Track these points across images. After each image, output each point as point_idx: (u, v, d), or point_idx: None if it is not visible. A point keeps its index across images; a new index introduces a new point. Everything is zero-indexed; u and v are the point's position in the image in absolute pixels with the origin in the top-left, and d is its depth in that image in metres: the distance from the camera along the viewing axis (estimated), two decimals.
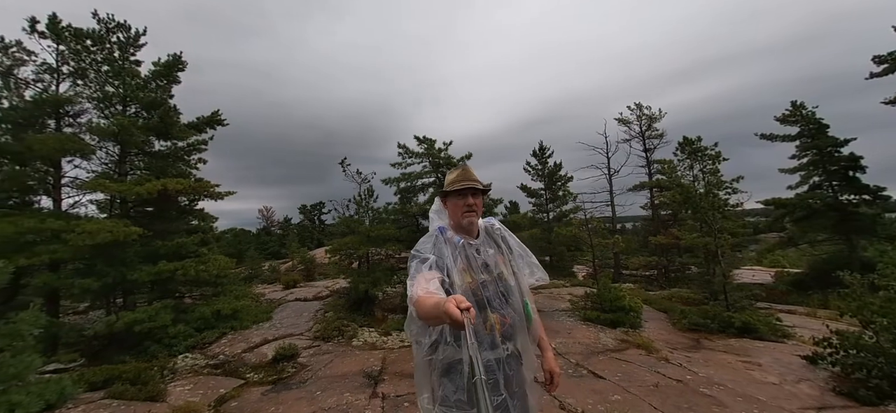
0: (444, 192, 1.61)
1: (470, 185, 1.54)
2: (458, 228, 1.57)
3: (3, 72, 6.52)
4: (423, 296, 1.19)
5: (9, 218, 6.19)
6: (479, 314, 1.39)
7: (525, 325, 1.54)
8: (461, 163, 9.07)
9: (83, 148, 7.09)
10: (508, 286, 1.53)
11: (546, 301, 8.99)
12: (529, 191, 14.45)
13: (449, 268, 1.42)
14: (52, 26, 6.86)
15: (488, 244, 1.60)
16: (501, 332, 1.43)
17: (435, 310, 1.08)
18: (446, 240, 1.51)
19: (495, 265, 1.55)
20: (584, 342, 5.63)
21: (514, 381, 1.45)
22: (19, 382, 3.73)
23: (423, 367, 1.45)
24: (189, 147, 8.37)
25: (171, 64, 8.04)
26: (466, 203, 1.54)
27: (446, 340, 1.37)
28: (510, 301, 1.51)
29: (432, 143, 9.03)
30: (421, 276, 1.32)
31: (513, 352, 1.46)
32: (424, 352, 1.42)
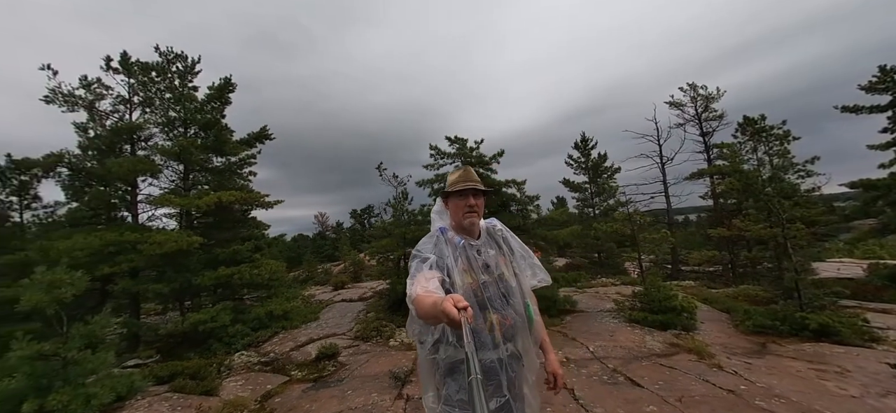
0: (446, 193, 1.63)
1: (471, 186, 1.56)
2: (459, 229, 1.59)
3: (87, 105, 7.55)
4: (421, 294, 1.20)
5: (96, 232, 7.15)
6: (479, 314, 1.41)
7: (527, 327, 1.53)
8: (461, 163, 8.94)
9: (153, 168, 8.00)
10: (509, 287, 1.54)
11: (590, 301, 8.53)
12: (572, 185, 13.81)
13: (450, 268, 1.43)
14: (123, 62, 7.82)
15: (489, 245, 1.62)
16: (502, 333, 1.43)
17: (433, 309, 1.09)
18: (447, 240, 1.52)
19: (496, 266, 1.56)
20: (626, 346, 5.24)
21: (516, 382, 1.46)
22: (95, 376, 4.28)
23: (428, 367, 1.48)
24: (241, 161, 9.08)
25: (223, 87, 8.78)
26: (468, 204, 1.55)
27: (448, 340, 1.39)
28: (511, 302, 1.51)
29: (464, 143, 8.96)
30: (421, 275, 1.33)
31: (514, 352, 1.47)
32: (427, 351, 1.45)
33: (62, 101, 7.38)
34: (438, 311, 1.04)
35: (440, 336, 1.41)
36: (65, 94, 7.40)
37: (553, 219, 9.58)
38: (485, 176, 8.93)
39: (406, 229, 8.80)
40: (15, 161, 7.13)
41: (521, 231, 8.83)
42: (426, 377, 1.50)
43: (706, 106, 12.47)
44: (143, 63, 8.02)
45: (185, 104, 8.30)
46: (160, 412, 4.35)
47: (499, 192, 8.75)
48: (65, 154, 7.50)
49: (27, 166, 7.25)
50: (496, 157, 8.91)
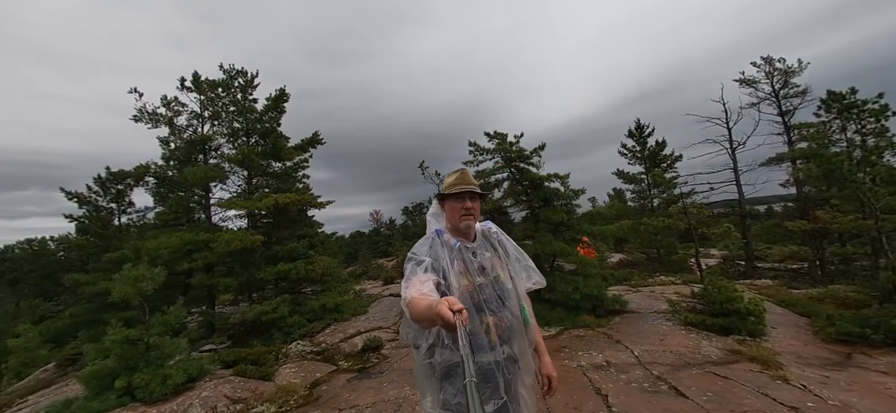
0: (442, 195, 1.64)
1: (468, 189, 1.58)
2: (455, 231, 1.59)
3: (168, 122, 8.64)
4: (416, 297, 1.20)
5: (177, 233, 8.18)
6: (475, 317, 1.41)
7: (522, 329, 1.53)
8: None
9: (222, 175, 8.94)
10: (505, 289, 1.54)
11: (643, 301, 7.97)
12: (626, 176, 12.89)
13: (445, 270, 1.44)
14: (195, 82, 8.82)
15: (485, 247, 1.62)
16: (498, 335, 1.43)
17: (428, 312, 1.09)
18: (443, 242, 1.54)
19: (492, 268, 1.56)
20: (677, 351, 4.83)
21: (512, 384, 1.45)
22: (171, 360, 4.92)
23: (424, 371, 1.48)
24: (295, 165, 9.80)
25: (278, 98, 9.52)
26: (464, 206, 1.56)
27: (443, 343, 1.39)
28: (507, 304, 1.51)
29: (504, 138, 8.78)
30: (415, 278, 1.33)
31: (510, 355, 1.46)
32: (422, 356, 1.45)
33: (147, 119, 8.54)
34: (433, 314, 1.04)
35: (435, 340, 1.41)
36: (149, 112, 8.54)
37: (600, 213, 9.05)
38: (526, 170, 8.70)
39: None
40: (113, 173, 8.47)
41: (565, 227, 8.51)
42: (423, 382, 1.50)
43: (785, 81, 10.82)
44: (210, 81, 8.97)
45: (246, 115, 9.15)
46: (223, 393, 4.89)
47: (541, 187, 8.48)
48: (151, 165, 8.70)
49: (122, 177, 8.56)
50: (537, 151, 8.63)
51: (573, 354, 4.94)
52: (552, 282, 7.73)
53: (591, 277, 7.55)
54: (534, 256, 7.59)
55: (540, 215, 8.60)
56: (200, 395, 4.72)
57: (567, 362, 4.64)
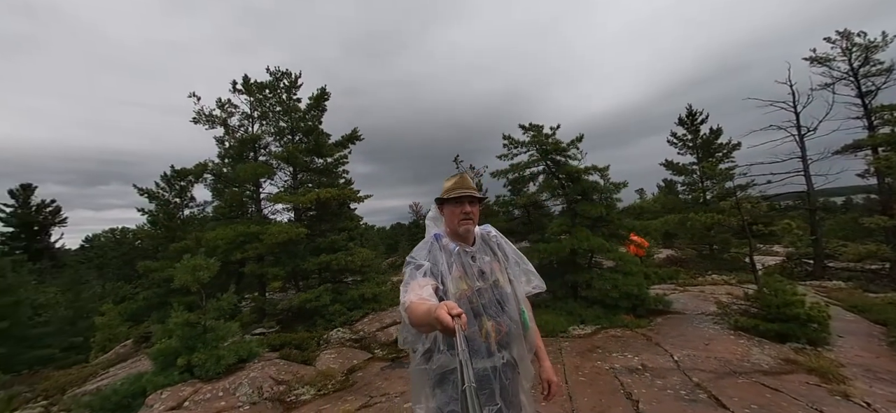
0: (441, 200, 1.64)
1: (467, 193, 1.56)
2: (454, 235, 1.59)
3: (222, 122, 9.36)
4: (415, 302, 1.20)
5: (231, 225, 8.89)
6: (474, 321, 1.41)
7: (521, 334, 1.52)
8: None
9: (269, 171, 9.56)
10: (504, 294, 1.53)
11: (690, 301, 7.51)
12: (675, 167, 12.05)
13: (444, 274, 1.44)
14: (245, 84, 9.45)
15: (484, 251, 1.62)
16: (497, 340, 1.43)
17: (426, 316, 1.09)
18: (442, 246, 1.53)
19: (491, 272, 1.56)
20: (722, 357, 4.52)
21: (511, 389, 1.44)
22: (224, 342, 5.40)
23: (419, 376, 1.46)
24: (336, 161, 10.22)
25: (319, 96, 9.96)
26: (463, 210, 1.56)
27: (440, 348, 1.38)
28: (506, 309, 1.50)
29: (539, 130, 8.57)
30: (414, 282, 1.33)
31: (509, 360, 1.45)
32: (418, 361, 1.43)
33: (205, 120, 9.31)
34: (432, 319, 1.03)
35: (432, 345, 1.41)
36: (206, 114, 9.30)
37: (643, 207, 8.59)
38: (563, 163, 8.45)
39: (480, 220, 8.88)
40: (176, 170, 9.38)
41: (603, 222, 8.18)
42: (417, 388, 1.48)
43: (865, 58, 9.44)
44: (259, 83, 9.57)
45: (291, 115, 9.67)
46: (269, 375, 5.30)
47: (579, 180, 8.20)
48: (209, 163, 9.50)
49: (184, 174, 9.43)
50: (575, 143, 8.34)
51: (606, 355, 4.79)
52: (589, 279, 7.52)
53: (631, 275, 7.22)
54: (570, 252, 7.46)
55: (577, 209, 8.34)
56: (249, 376, 5.15)
57: (599, 364, 4.51)
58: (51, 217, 22.15)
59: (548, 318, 6.75)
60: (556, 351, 5.14)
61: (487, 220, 8.84)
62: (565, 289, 7.90)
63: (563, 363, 4.61)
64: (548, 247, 7.88)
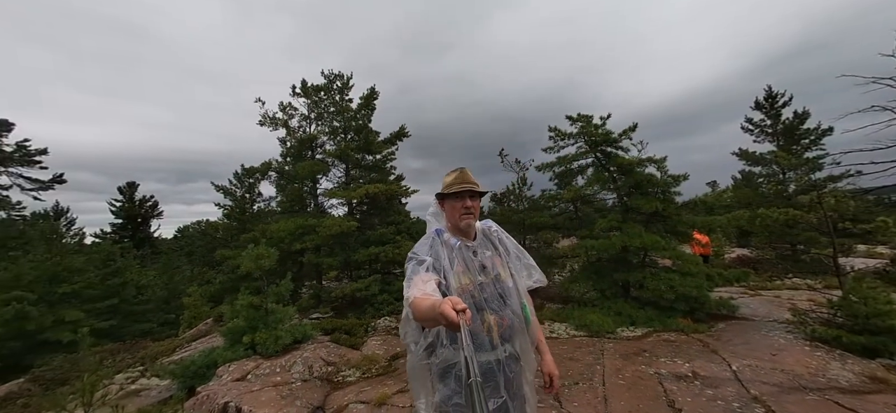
0: (442, 195, 1.65)
1: (467, 188, 1.58)
2: (455, 230, 1.61)
3: (284, 124, 10.20)
4: (419, 297, 1.21)
5: (292, 219, 9.68)
6: (476, 316, 1.43)
7: (524, 327, 1.54)
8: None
9: (325, 168, 10.23)
10: (506, 288, 1.55)
11: (761, 306, 6.77)
12: (750, 157, 10.75)
13: (445, 270, 1.46)
14: (303, 88, 10.18)
15: (485, 246, 1.64)
16: (499, 334, 1.45)
17: (431, 311, 1.10)
18: (443, 242, 1.55)
19: (492, 267, 1.57)
20: (791, 370, 4.04)
21: (514, 382, 1.47)
22: (282, 324, 5.94)
23: (420, 371, 1.48)
24: (384, 158, 10.65)
25: (369, 96, 10.42)
26: (464, 205, 1.57)
27: (442, 343, 1.40)
28: (508, 303, 1.52)
29: (588, 120, 8.19)
30: (418, 277, 1.35)
31: (512, 353, 1.48)
32: (420, 355, 1.45)
33: (269, 122, 10.20)
34: (436, 314, 1.04)
35: (434, 339, 1.42)
36: (270, 117, 10.19)
37: (706, 202, 7.84)
38: (614, 155, 8.01)
39: (524, 215, 8.73)
40: (246, 169, 10.40)
41: (659, 218, 7.63)
42: (417, 383, 1.49)
43: None
44: (315, 86, 10.25)
45: (343, 114, 10.25)
46: (319, 356, 5.74)
47: (631, 172, 7.72)
48: (272, 162, 10.42)
49: (252, 172, 10.45)
50: (628, 133, 7.84)
51: (652, 360, 4.51)
52: (641, 278, 7.07)
53: (690, 276, 6.68)
54: (621, 250, 7.09)
55: (630, 204, 7.88)
56: (302, 355, 5.63)
57: (642, 368, 4.26)
58: (150, 210, 25.74)
59: (593, 317, 6.49)
60: (596, 352, 4.94)
61: (532, 215, 8.68)
62: (615, 288, 7.51)
63: (602, 365, 4.43)
64: (596, 244, 7.54)
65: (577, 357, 4.79)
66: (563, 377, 4.13)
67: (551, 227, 8.70)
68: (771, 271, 9.46)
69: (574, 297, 7.99)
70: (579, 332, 6.31)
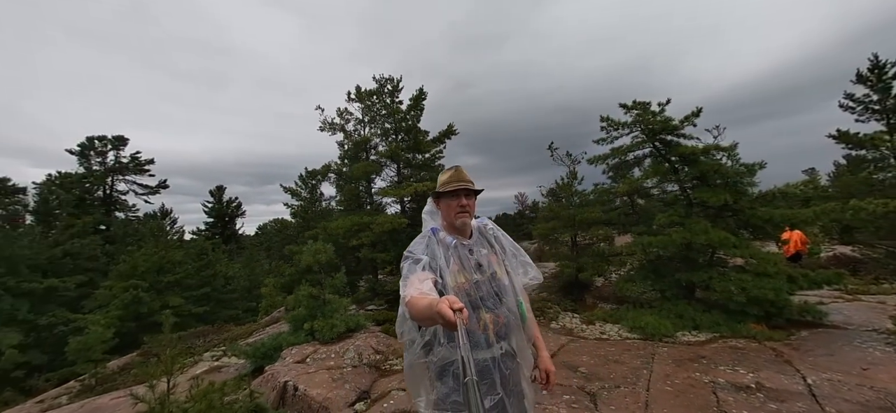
0: (437, 194, 1.66)
1: (463, 186, 1.58)
2: (451, 229, 1.61)
3: (341, 128, 10.92)
4: (415, 296, 1.21)
5: (349, 216, 10.35)
6: (472, 314, 1.43)
7: (520, 325, 1.55)
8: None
9: (377, 169, 10.77)
10: (502, 286, 1.55)
11: (857, 313, 5.85)
12: (850, 138, 9.13)
13: (441, 268, 1.46)
14: (357, 93, 10.80)
15: (481, 244, 1.64)
16: (495, 332, 1.46)
17: (428, 311, 1.10)
18: (439, 241, 1.55)
19: (488, 265, 1.57)
20: (884, 388, 3.46)
21: (511, 379, 1.48)
22: (338, 314, 6.42)
23: (418, 369, 1.48)
24: (432, 157, 10.92)
25: (418, 97, 10.74)
26: (460, 204, 1.57)
27: (440, 341, 1.41)
28: (504, 300, 1.52)
29: (645, 107, 7.64)
30: (414, 276, 1.35)
31: (508, 351, 1.49)
32: (417, 353, 1.46)
33: (328, 127, 10.99)
34: (434, 313, 1.04)
35: (431, 337, 1.43)
36: (329, 122, 10.97)
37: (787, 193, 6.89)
38: (674, 144, 7.39)
39: (576, 211, 8.41)
40: (309, 171, 11.33)
41: (730, 212, 6.89)
42: (415, 381, 1.49)
43: None
44: (368, 91, 10.82)
45: (394, 116, 10.69)
46: (370, 344, 6.12)
47: (696, 162, 7.08)
48: (331, 164, 11.22)
49: (314, 175, 11.34)
50: (690, 119, 7.20)
51: (710, 367, 4.14)
52: (707, 278, 6.48)
53: (766, 276, 5.98)
54: (683, 247, 6.58)
55: (693, 197, 7.24)
56: (354, 343, 6.04)
57: (696, 375, 3.94)
58: (235, 210, 29.05)
59: (649, 320, 6.10)
60: (647, 356, 4.65)
61: (584, 211, 8.32)
62: (677, 289, 6.96)
63: (650, 369, 4.17)
64: (655, 240, 7.07)
65: (624, 360, 4.56)
66: (604, 380, 3.98)
67: (604, 223, 8.28)
68: (878, 273, 8.01)
69: (630, 297, 7.53)
70: (632, 335, 5.97)
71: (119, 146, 21.93)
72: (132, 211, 22.15)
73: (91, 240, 17.80)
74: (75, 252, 16.63)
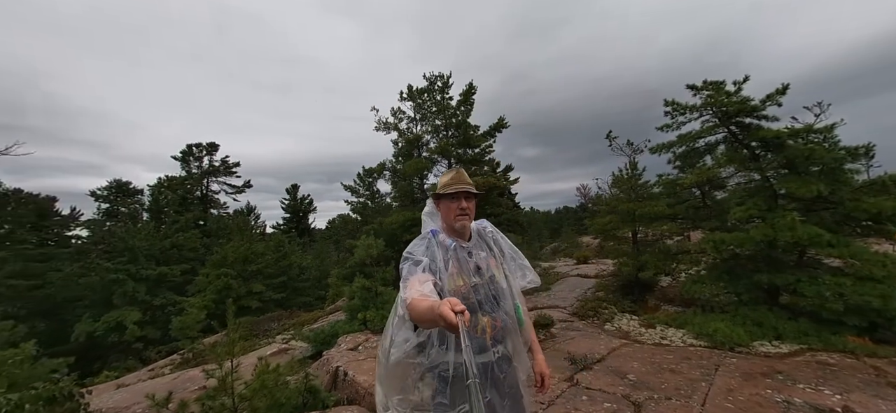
0: (437, 195, 1.64)
1: (463, 189, 1.57)
2: (450, 231, 1.59)
3: (394, 127, 11.34)
4: (416, 298, 1.21)
5: (401, 212, 10.76)
6: (470, 317, 1.45)
7: (517, 328, 1.54)
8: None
9: (427, 166, 11.02)
10: (500, 289, 1.54)
11: None
12: None
13: (440, 271, 1.45)
14: (409, 92, 11.12)
15: (480, 247, 1.63)
16: (492, 336, 1.45)
17: (429, 313, 1.09)
18: (438, 243, 1.53)
19: (487, 268, 1.56)
20: None
21: (506, 382, 1.48)
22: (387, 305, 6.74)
23: (403, 369, 1.45)
24: (482, 151, 10.87)
25: (467, 92, 10.76)
26: (459, 206, 1.56)
27: (433, 343, 1.40)
28: (502, 304, 1.51)
29: (718, 87, 6.80)
30: (414, 278, 1.34)
31: (503, 354, 1.48)
32: (407, 352, 1.42)
33: (383, 127, 11.49)
34: (435, 316, 1.04)
35: (425, 339, 1.41)
36: (384, 122, 11.46)
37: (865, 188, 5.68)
38: (755, 127, 6.49)
39: (636, 205, 7.79)
40: (366, 170, 11.94)
41: (825, 204, 5.90)
42: (395, 380, 1.47)
43: None
44: (419, 89, 11.09)
45: (444, 112, 10.83)
46: None
47: (781, 147, 6.17)
48: (386, 162, 11.73)
49: (370, 173, 11.93)
50: (774, 97, 6.27)
51: (785, 385, 3.61)
52: (794, 282, 5.64)
53: (871, 281, 5.07)
54: (766, 245, 5.84)
55: (778, 188, 6.33)
56: None
57: (766, 392, 3.46)
58: (308, 206, 31.68)
59: (719, 326, 5.48)
60: (709, 367, 4.20)
61: (644, 205, 7.68)
62: (756, 292, 6.15)
63: (711, 382, 3.76)
64: (730, 237, 6.32)
65: (681, 369, 4.17)
66: (654, 390, 3.68)
67: (668, 218, 7.57)
68: None
69: (698, 300, 6.81)
70: (698, 342, 5.43)
71: (212, 152, 25.16)
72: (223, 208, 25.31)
73: (192, 233, 20.70)
74: (180, 244, 19.48)
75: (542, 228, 29.67)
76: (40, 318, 16.53)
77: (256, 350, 7.37)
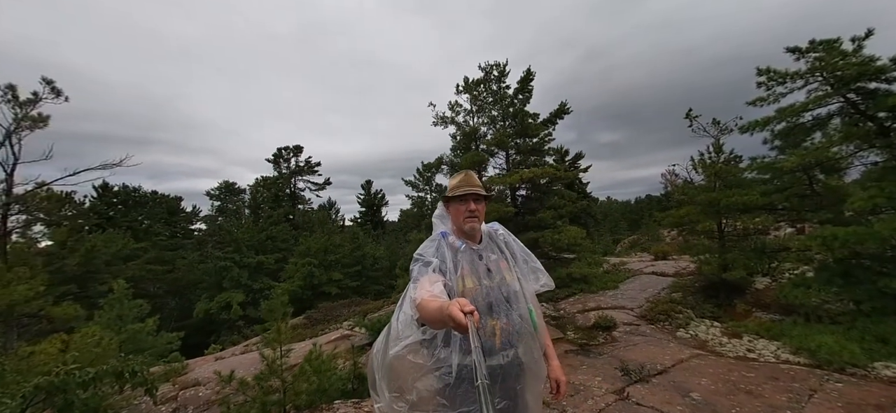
0: (447, 198, 1.65)
1: (471, 191, 1.57)
2: (460, 233, 1.59)
3: (451, 121, 11.34)
4: (426, 298, 1.22)
5: None
6: (480, 320, 1.37)
7: (531, 332, 1.50)
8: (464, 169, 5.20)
9: (485, 158, 10.83)
10: (512, 292, 1.51)
11: None
12: None
13: (450, 272, 1.44)
14: (465, 85, 11.00)
15: (491, 249, 1.61)
16: (502, 339, 1.42)
17: (438, 313, 1.09)
18: (448, 244, 1.53)
19: (498, 270, 1.54)
20: None
21: (514, 387, 1.45)
22: None
23: (403, 366, 1.43)
24: (541, 140, 10.32)
25: (525, 79, 10.28)
26: (469, 208, 1.56)
27: (437, 344, 1.39)
28: (514, 307, 1.48)
29: (832, 48, 5.52)
30: (425, 278, 1.34)
31: (515, 358, 1.44)
32: (402, 348, 1.41)
33: (440, 122, 11.56)
34: (445, 316, 1.03)
35: (430, 338, 1.39)
36: (441, 117, 11.52)
37: None
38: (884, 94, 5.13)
39: (719, 195, 6.73)
40: (425, 165, 12.18)
41: None
42: (389, 377, 1.46)
43: None
44: (475, 80, 10.90)
45: (501, 102, 10.52)
46: None
47: None
48: (443, 156, 11.78)
49: (429, 167, 12.12)
50: None
51: None
52: None
53: None
54: (884, 239, 4.66)
55: None
56: None
57: None
58: (381, 200, 33.52)
59: (826, 340, 4.53)
60: (802, 391, 3.47)
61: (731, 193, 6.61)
62: (881, 300, 4.93)
63: (798, 411, 3.10)
64: (847, 232, 5.16)
65: (762, 392, 3.51)
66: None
67: (764, 209, 6.40)
68: None
69: (802, 307, 5.67)
70: (795, 358, 4.56)
71: (297, 153, 27.97)
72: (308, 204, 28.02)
73: (283, 227, 23.34)
74: (274, 236, 22.11)
75: (619, 220, 27.33)
76: (172, 297, 20.17)
77: (323, 336, 8.04)
